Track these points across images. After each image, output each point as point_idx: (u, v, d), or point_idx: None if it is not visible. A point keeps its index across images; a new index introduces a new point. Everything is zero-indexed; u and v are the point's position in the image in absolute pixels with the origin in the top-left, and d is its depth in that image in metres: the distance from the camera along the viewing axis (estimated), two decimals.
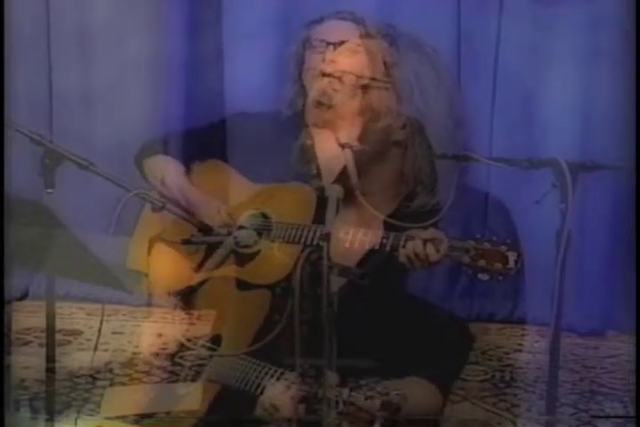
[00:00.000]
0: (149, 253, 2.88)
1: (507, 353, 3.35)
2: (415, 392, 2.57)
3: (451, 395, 2.76)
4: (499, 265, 2.48)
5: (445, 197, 2.80)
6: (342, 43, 2.91)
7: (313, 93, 2.91)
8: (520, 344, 3.44)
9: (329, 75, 2.89)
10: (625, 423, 2.81)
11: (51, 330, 2.41)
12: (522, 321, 3.61)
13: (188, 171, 3.02)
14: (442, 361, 2.71)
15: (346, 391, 2.40)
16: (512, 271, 2.48)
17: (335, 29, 2.94)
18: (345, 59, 2.90)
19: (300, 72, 2.98)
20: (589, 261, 3.47)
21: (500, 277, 2.49)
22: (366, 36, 2.93)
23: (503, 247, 2.48)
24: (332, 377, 2.24)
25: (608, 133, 3.38)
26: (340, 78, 2.89)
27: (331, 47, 2.91)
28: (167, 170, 2.99)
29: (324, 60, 2.90)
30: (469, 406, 2.91)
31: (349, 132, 2.91)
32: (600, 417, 2.84)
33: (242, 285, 2.77)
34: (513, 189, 3.45)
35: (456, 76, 3.49)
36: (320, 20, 2.98)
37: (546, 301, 2.30)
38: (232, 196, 2.95)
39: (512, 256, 2.47)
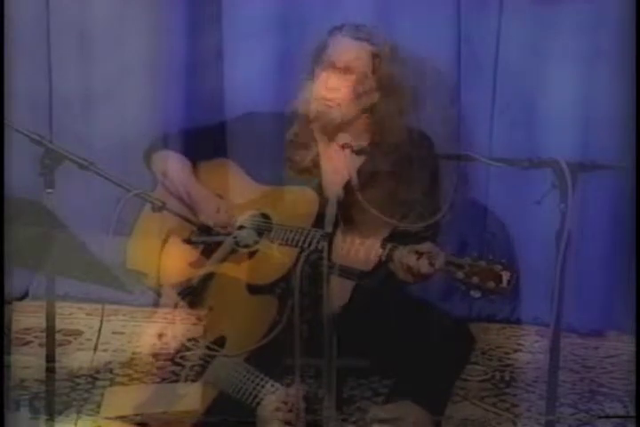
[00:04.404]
0: (150, 252, 2.88)
1: (507, 353, 3.34)
2: (407, 419, 2.57)
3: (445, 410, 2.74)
4: (492, 284, 2.43)
5: (443, 211, 2.77)
6: (348, 70, 2.86)
7: (312, 112, 2.89)
8: (520, 344, 3.44)
9: (329, 100, 2.86)
10: (625, 423, 2.81)
11: (51, 330, 2.41)
12: (522, 321, 3.61)
13: (194, 167, 3.02)
14: (440, 366, 2.71)
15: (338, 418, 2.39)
16: (505, 291, 2.44)
17: (346, 52, 2.88)
18: (347, 88, 2.85)
19: (313, 76, 2.94)
20: (589, 262, 3.47)
21: (492, 297, 2.45)
22: (377, 61, 2.87)
23: (498, 266, 2.44)
24: (330, 400, 2.22)
25: (608, 133, 3.38)
26: (339, 104, 2.87)
27: (337, 72, 2.86)
28: (170, 164, 3.00)
29: (326, 86, 2.86)
30: (469, 406, 2.91)
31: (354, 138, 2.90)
32: (600, 417, 2.84)
33: (249, 287, 2.77)
34: (513, 189, 3.45)
35: (456, 77, 3.50)
36: (340, 28, 2.91)
37: (546, 301, 2.30)
38: (236, 195, 2.95)
39: (506, 276, 2.43)
